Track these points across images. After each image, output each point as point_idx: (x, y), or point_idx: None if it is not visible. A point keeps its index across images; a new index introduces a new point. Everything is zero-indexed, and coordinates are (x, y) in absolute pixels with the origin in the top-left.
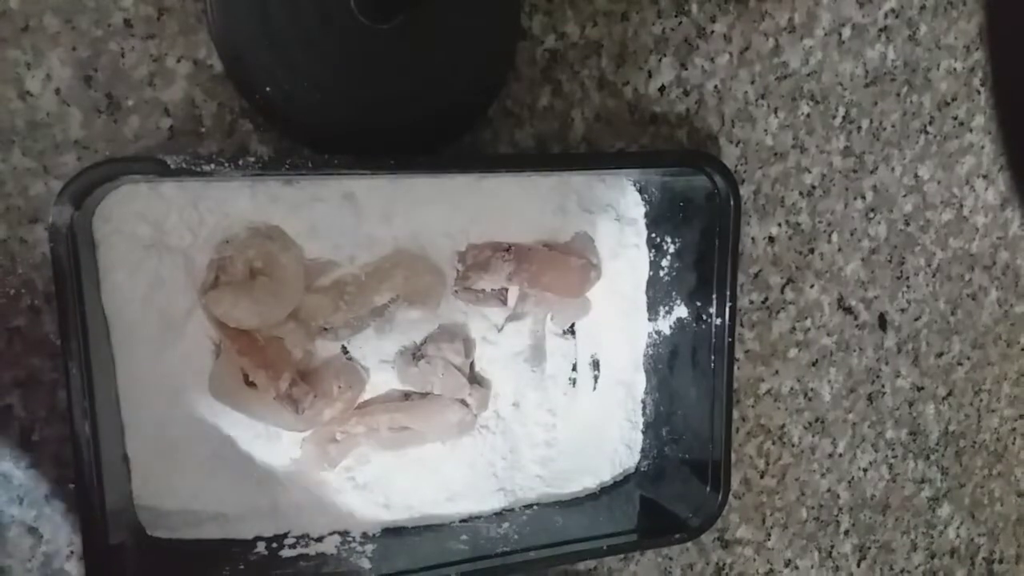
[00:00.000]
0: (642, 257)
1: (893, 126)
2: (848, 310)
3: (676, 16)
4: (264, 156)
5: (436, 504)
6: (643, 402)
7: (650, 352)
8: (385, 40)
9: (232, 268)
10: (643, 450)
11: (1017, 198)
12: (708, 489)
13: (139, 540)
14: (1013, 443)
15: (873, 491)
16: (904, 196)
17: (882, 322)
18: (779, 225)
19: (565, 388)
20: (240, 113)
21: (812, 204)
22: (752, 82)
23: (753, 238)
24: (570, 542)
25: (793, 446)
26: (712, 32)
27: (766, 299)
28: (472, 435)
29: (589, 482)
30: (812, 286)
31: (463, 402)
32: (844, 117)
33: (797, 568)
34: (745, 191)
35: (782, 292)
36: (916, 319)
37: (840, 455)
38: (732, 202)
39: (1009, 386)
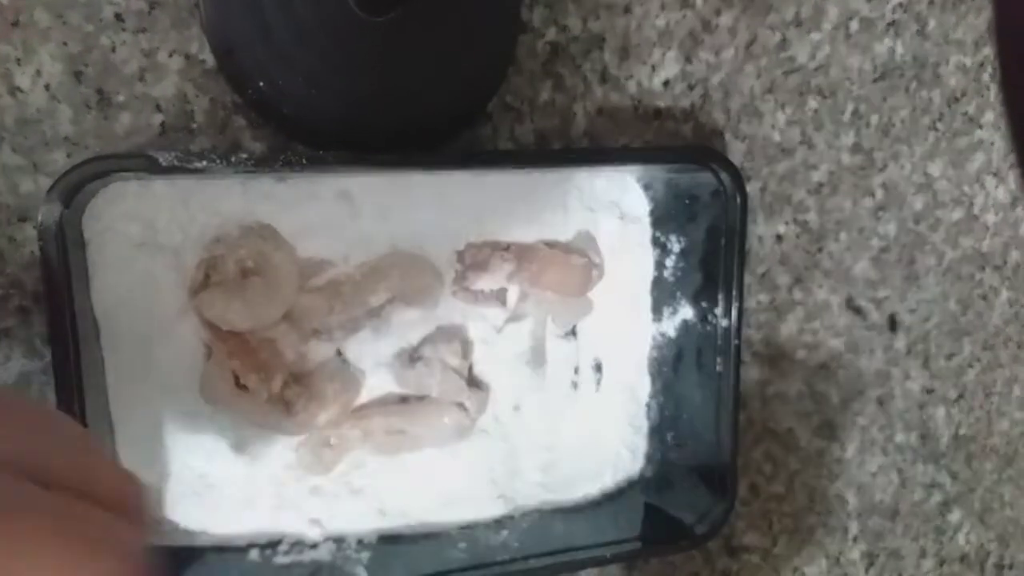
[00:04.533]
0: (646, 256)
1: (902, 122)
2: (857, 311)
3: (680, 9)
4: (257, 153)
5: (433, 510)
6: (647, 405)
7: (654, 354)
8: (381, 34)
9: (223, 267)
10: (647, 455)
11: None
12: (714, 495)
13: None
14: None
15: (882, 496)
16: (914, 194)
17: (892, 323)
18: (787, 223)
19: (566, 391)
20: (233, 109)
21: (820, 202)
22: (758, 77)
23: (760, 237)
24: (572, 550)
25: (800, 450)
26: (717, 25)
27: (773, 299)
28: (470, 439)
29: (591, 488)
30: (820, 286)
31: (461, 405)
32: (853, 113)
33: (804, 575)
34: (752, 188)
35: (790, 292)
36: (926, 320)
37: (849, 460)
38: (739, 200)
39: (1020, 388)
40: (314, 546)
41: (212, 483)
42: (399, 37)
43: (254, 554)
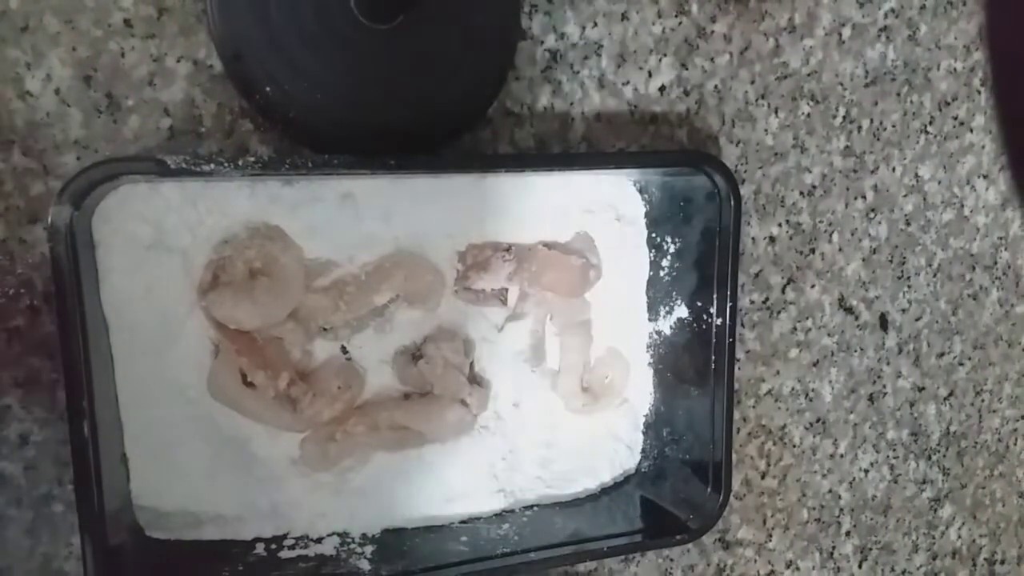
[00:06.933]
0: (642, 257)
1: (893, 126)
2: (849, 310)
3: (676, 16)
4: (264, 156)
5: (435, 505)
6: (644, 402)
7: (650, 352)
8: (385, 40)
9: (231, 268)
10: (643, 451)
11: (1017, 198)
12: (709, 490)
13: (138, 541)
14: (1014, 443)
15: (874, 492)
16: (905, 196)
17: (883, 322)
18: (779, 225)
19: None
20: (240, 113)
21: (813, 204)
22: (752, 82)
23: (753, 238)
24: (570, 543)
25: (794, 447)
26: (712, 32)
27: (767, 299)
28: (471, 435)
29: (589, 483)
30: (813, 286)
31: (463, 402)
32: (844, 117)
33: (798, 569)
34: (745, 191)
35: (783, 292)
36: (917, 319)
37: (841, 456)
38: (732, 202)
39: (1010, 386)
40: (319, 540)
41: (219, 479)
42: (402, 44)
43: (260, 548)
